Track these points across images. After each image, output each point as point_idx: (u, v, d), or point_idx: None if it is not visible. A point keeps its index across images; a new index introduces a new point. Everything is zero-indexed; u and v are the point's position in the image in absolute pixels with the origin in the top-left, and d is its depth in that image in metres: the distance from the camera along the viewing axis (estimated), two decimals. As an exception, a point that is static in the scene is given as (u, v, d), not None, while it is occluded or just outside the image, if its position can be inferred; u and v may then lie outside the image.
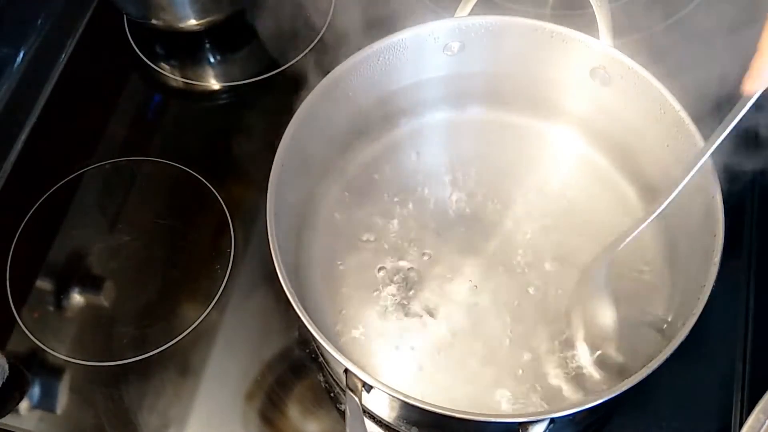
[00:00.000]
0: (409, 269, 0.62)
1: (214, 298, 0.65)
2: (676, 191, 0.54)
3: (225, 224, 0.69)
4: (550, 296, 0.61)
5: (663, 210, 0.61)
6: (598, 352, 0.58)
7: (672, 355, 0.48)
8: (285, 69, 0.77)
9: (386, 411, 0.58)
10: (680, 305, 0.55)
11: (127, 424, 0.61)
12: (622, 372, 0.56)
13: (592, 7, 0.60)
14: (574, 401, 0.48)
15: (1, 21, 0.76)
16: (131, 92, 0.79)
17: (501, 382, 0.58)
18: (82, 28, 0.82)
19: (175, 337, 0.64)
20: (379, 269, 0.62)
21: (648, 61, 0.59)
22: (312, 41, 0.78)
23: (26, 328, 0.65)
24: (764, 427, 0.49)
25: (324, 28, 0.79)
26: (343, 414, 0.60)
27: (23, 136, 0.76)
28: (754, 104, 0.51)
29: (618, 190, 0.65)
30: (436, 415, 0.48)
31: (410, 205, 0.65)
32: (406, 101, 0.67)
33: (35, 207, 0.70)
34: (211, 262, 0.67)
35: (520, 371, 0.58)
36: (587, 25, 0.61)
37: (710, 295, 0.50)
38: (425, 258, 0.63)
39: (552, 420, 0.48)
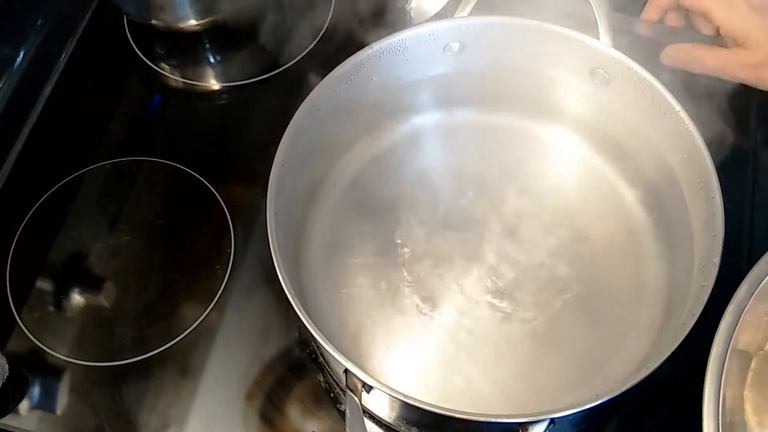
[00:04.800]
0: (408, 269, 0.62)
1: (214, 298, 0.65)
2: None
3: (225, 224, 0.69)
4: (548, 298, 0.61)
5: (663, 211, 0.62)
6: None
7: (672, 355, 0.48)
8: (285, 69, 0.77)
9: (386, 411, 0.58)
10: (680, 305, 0.55)
11: (127, 424, 0.61)
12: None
13: (592, 7, 0.61)
14: (574, 401, 0.48)
15: (1, 21, 0.76)
16: (131, 92, 0.79)
17: (501, 381, 0.58)
18: (82, 28, 0.82)
19: (175, 337, 0.64)
20: (380, 269, 0.62)
21: (648, 61, 0.59)
22: (312, 41, 0.78)
23: (26, 328, 0.65)
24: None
25: (324, 28, 0.79)
26: (343, 414, 0.60)
27: (23, 136, 0.76)
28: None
29: (617, 190, 0.65)
30: (436, 415, 0.48)
31: (410, 206, 0.65)
32: (406, 101, 0.67)
33: (35, 207, 0.70)
34: (211, 262, 0.67)
35: (521, 371, 0.58)
36: (587, 25, 0.61)
37: (710, 295, 0.50)
38: (424, 258, 0.63)
39: (552, 420, 0.48)
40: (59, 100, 0.78)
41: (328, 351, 0.49)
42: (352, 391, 0.51)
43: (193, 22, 0.77)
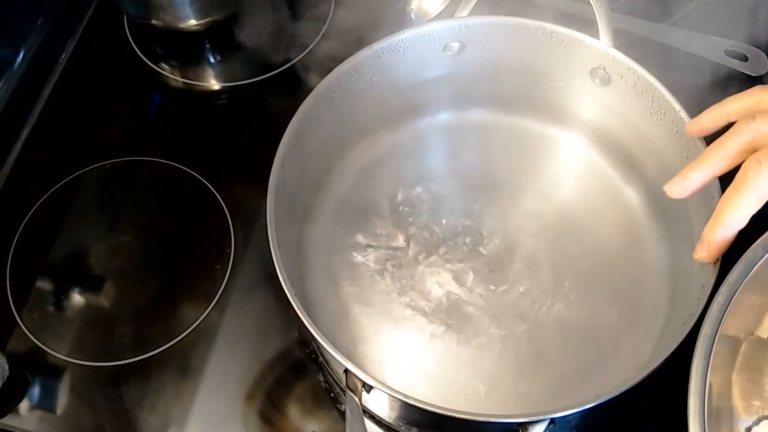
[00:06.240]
0: (409, 270, 0.62)
1: (214, 298, 0.65)
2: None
3: (225, 224, 0.69)
4: (549, 297, 0.61)
5: (664, 211, 0.62)
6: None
7: (672, 355, 0.48)
8: (285, 69, 0.77)
9: (386, 411, 0.58)
10: (681, 305, 0.55)
11: (127, 424, 0.61)
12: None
13: (592, 7, 0.61)
14: (574, 401, 0.48)
15: (1, 21, 0.76)
16: (131, 92, 0.79)
17: (501, 381, 0.58)
18: (82, 28, 0.82)
19: (175, 337, 0.64)
20: (380, 270, 0.62)
21: (648, 61, 0.59)
22: (312, 41, 0.78)
23: (26, 328, 0.65)
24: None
25: (324, 29, 0.79)
26: (343, 414, 0.60)
27: (23, 136, 0.76)
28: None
29: (618, 190, 0.65)
30: (436, 415, 0.48)
31: (411, 207, 0.65)
32: (406, 102, 0.67)
33: (35, 207, 0.70)
34: (211, 262, 0.67)
35: (521, 371, 0.58)
36: (587, 25, 0.61)
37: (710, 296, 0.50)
38: (425, 258, 0.63)
39: (552, 420, 0.48)
40: (59, 100, 0.78)
41: (328, 351, 0.49)
42: (352, 391, 0.51)
43: (193, 22, 0.77)
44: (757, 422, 0.47)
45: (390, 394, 0.49)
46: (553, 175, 0.67)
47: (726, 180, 0.54)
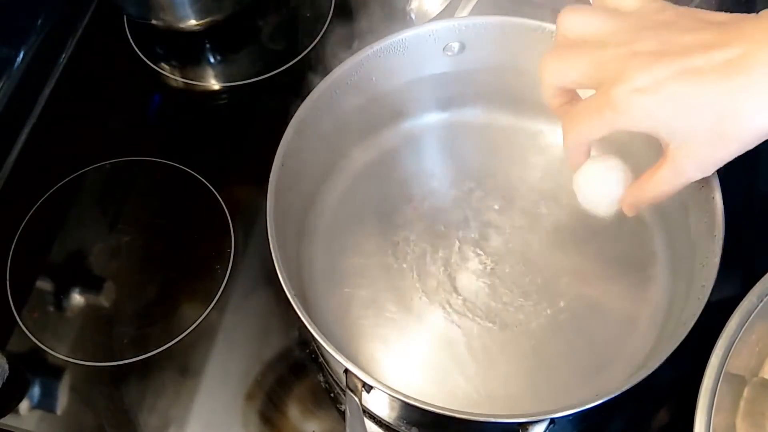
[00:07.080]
0: (409, 270, 0.62)
1: (214, 298, 0.65)
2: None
3: (225, 224, 0.69)
4: (549, 298, 0.61)
5: (664, 211, 0.62)
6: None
7: (671, 356, 0.48)
8: (285, 69, 0.77)
9: (386, 411, 0.58)
10: (681, 305, 0.55)
11: (127, 424, 0.61)
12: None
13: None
14: (574, 401, 0.48)
15: (1, 21, 0.76)
16: (131, 92, 0.79)
17: (501, 381, 0.58)
18: (82, 28, 0.82)
19: (175, 337, 0.64)
20: (380, 269, 0.62)
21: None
22: (312, 41, 0.78)
23: (26, 328, 0.65)
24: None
25: (324, 29, 0.79)
26: (343, 414, 0.60)
27: (23, 136, 0.76)
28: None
29: (618, 190, 0.65)
30: (436, 415, 0.48)
31: (410, 206, 0.65)
32: (406, 101, 0.67)
33: (35, 207, 0.70)
34: (211, 262, 0.67)
35: (521, 371, 0.58)
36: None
37: (710, 296, 0.50)
38: (426, 258, 0.63)
39: (552, 420, 0.48)
40: (59, 100, 0.78)
41: (328, 351, 0.49)
42: (352, 391, 0.51)
43: (193, 22, 0.77)
44: None
45: (390, 394, 0.49)
46: (553, 175, 0.66)
47: (728, 178, 0.54)
